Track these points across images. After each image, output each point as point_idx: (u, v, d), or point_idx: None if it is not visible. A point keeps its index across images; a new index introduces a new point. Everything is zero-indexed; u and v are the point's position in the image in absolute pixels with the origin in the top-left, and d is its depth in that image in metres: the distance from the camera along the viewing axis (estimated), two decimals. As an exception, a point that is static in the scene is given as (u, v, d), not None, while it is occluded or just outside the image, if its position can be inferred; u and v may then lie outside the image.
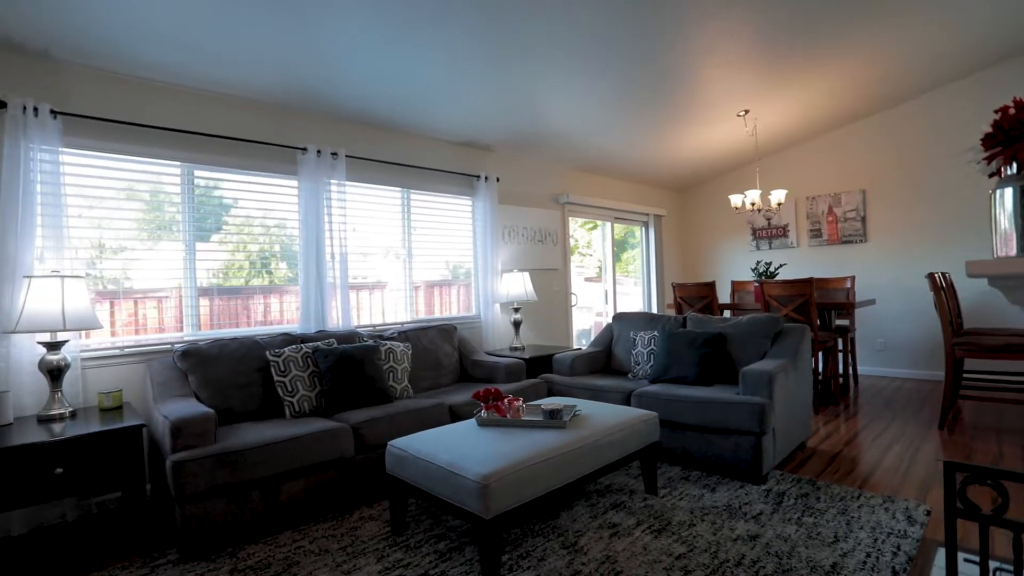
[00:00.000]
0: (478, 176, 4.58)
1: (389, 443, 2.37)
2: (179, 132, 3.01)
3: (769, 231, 6.39)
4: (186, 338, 3.09)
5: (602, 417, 2.57)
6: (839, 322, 4.96)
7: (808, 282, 4.19)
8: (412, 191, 4.24)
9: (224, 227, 3.31)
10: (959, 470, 1.09)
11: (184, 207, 3.11)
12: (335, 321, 3.60)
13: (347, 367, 2.99)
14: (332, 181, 3.58)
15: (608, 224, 6.32)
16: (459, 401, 3.20)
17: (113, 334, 2.91)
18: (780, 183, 6.20)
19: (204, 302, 3.23)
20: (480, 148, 4.73)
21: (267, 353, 2.90)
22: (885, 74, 4.59)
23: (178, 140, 3.04)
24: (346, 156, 3.72)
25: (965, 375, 4.63)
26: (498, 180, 4.82)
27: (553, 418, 2.46)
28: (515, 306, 4.61)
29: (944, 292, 3.73)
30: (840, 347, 5.41)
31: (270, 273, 3.51)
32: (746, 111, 4.85)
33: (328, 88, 3.32)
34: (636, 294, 6.95)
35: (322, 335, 3.28)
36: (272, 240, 3.51)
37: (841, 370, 5.70)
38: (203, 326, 3.21)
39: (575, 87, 3.88)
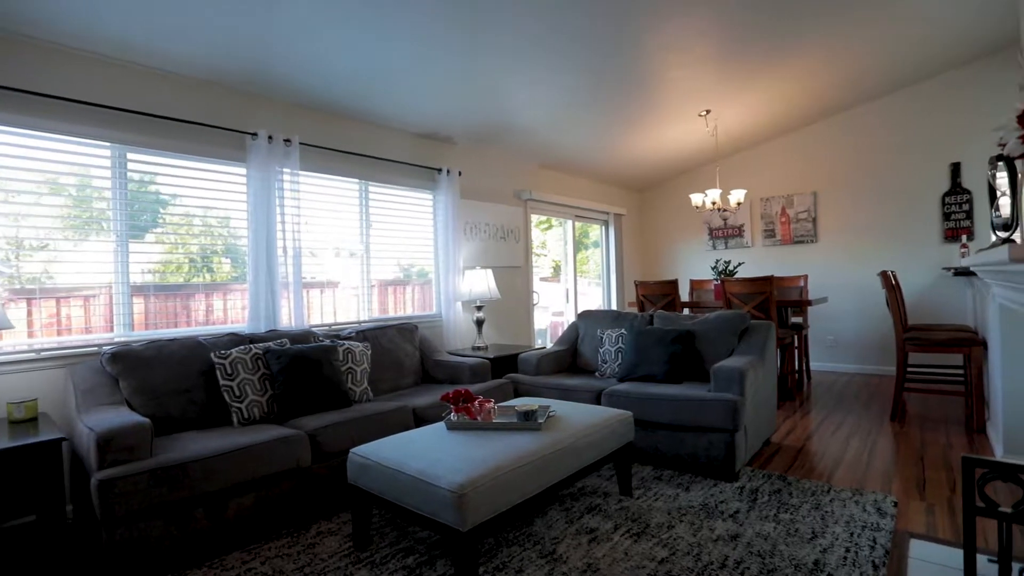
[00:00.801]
0: (440, 169, 4.40)
1: (351, 451, 2.18)
2: (110, 109, 2.70)
3: (725, 231, 6.52)
4: (117, 339, 2.77)
5: (578, 418, 2.47)
6: (794, 320, 5.10)
7: (768, 280, 4.26)
8: (371, 183, 4.02)
9: (162, 223, 3.00)
10: (978, 466, 1.04)
11: (116, 197, 2.79)
12: (287, 320, 3.35)
13: (302, 369, 2.76)
14: (285, 170, 3.32)
15: (569, 222, 6.27)
16: (423, 403, 3.03)
17: (30, 335, 2.57)
18: (737, 184, 6.34)
19: (138, 301, 2.91)
20: (442, 140, 4.56)
21: (212, 355, 2.63)
22: (836, 80, 4.75)
23: (108, 118, 2.72)
24: (300, 143, 3.47)
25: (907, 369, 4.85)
26: (460, 174, 4.67)
27: (528, 420, 2.34)
28: (478, 304, 4.47)
29: (895, 290, 3.87)
30: (796, 344, 5.56)
31: (212, 272, 3.22)
32: (708, 111, 4.90)
33: (282, 69, 3.08)
34: (592, 294, 6.94)
35: (274, 335, 3.03)
36: (215, 237, 3.22)
37: (796, 366, 5.86)
38: (137, 326, 2.90)
39: (539, 81, 3.78)
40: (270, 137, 3.24)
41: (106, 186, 2.76)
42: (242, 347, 2.73)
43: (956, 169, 5.01)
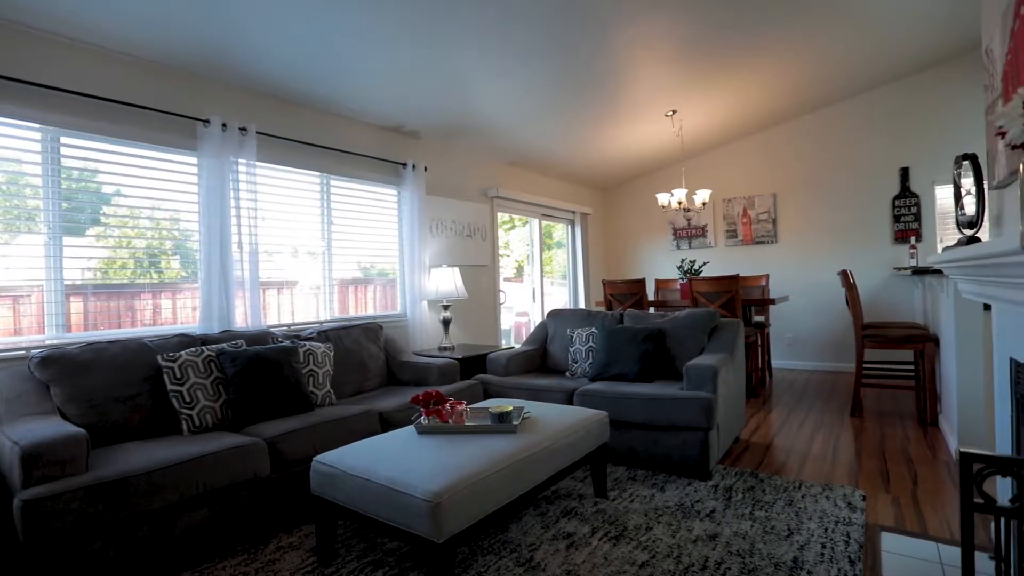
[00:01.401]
0: (405, 164, 4.26)
1: (315, 459, 2.04)
2: (39, 87, 2.45)
3: (689, 231, 6.62)
4: (48, 342, 2.52)
5: (553, 419, 2.40)
6: (756, 318, 5.20)
7: (734, 279, 4.32)
8: (333, 177, 3.84)
9: (104, 219, 2.76)
10: (976, 461, 1.02)
11: (48, 185, 2.53)
12: (243, 321, 3.14)
13: (260, 371, 2.58)
14: (240, 160, 3.12)
15: (536, 220, 6.22)
16: (391, 406, 2.89)
17: (-57, 338, 2.29)
18: (701, 185, 6.43)
19: (76, 301, 2.66)
20: (407, 134, 4.42)
21: (159, 358, 2.42)
22: (794, 86, 4.87)
23: (38, 97, 2.47)
24: (257, 132, 3.26)
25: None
26: (426, 170, 4.54)
27: (503, 422, 2.25)
28: (444, 303, 4.35)
29: (853, 288, 3.98)
30: (759, 342, 5.68)
31: (160, 271, 2.99)
32: (674, 111, 4.94)
33: (238, 52, 2.88)
34: (556, 294, 6.91)
35: (228, 336, 2.83)
36: (162, 231, 2.99)
37: (760, 364, 5.99)
38: (74, 328, 2.65)
39: (505, 76, 3.70)
40: (224, 125, 3.03)
41: (36, 172, 2.51)
42: (193, 349, 2.53)
43: (905, 174, 5.23)
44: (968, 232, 1.99)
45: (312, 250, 3.72)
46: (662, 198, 5.30)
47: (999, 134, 1.03)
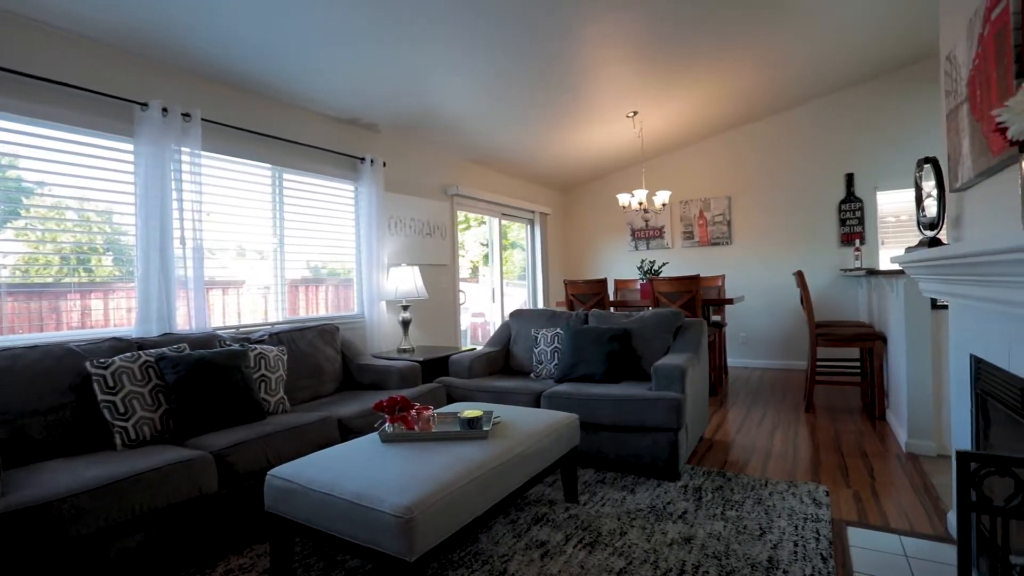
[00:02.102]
0: (363, 158, 4.08)
1: (269, 473, 1.87)
2: (-57, 59, 2.15)
3: (647, 232, 6.70)
4: (-46, 348, 2.22)
5: (524, 424, 2.31)
6: (714, 318, 5.31)
7: (695, 279, 4.38)
8: (285, 170, 3.62)
9: (24, 214, 2.46)
10: (973, 460, 1.01)
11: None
12: (186, 323, 2.89)
13: (205, 377, 2.37)
14: (183, 149, 2.87)
15: (496, 220, 6.13)
16: (350, 412, 2.73)
17: None
18: (659, 187, 6.53)
19: (-14, 299, 2.36)
20: (366, 127, 4.23)
21: (88, 364, 2.18)
22: (748, 92, 5.01)
23: (-59, 71, 2.17)
24: (203, 119, 3.02)
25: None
26: (385, 165, 4.36)
27: (472, 428, 2.14)
28: (404, 304, 4.19)
29: (807, 288, 4.11)
30: (716, 341, 5.81)
31: (90, 271, 2.71)
32: (635, 112, 4.98)
33: (181, 31, 2.64)
34: (513, 294, 6.84)
35: (169, 339, 2.59)
36: (94, 229, 2.71)
37: (718, 363, 6.13)
38: (-16, 331, 2.35)
39: (467, 71, 3.60)
40: (165, 109, 2.78)
41: (-61, 156, 2.20)
42: (128, 354, 2.29)
43: (850, 179, 5.47)
44: (929, 233, 2.05)
45: (263, 247, 3.48)
46: (623, 198, 5.33)
47: (997, 130, 1.03)
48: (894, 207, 5.39)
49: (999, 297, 1.32)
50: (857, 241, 5.39)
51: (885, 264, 5.37)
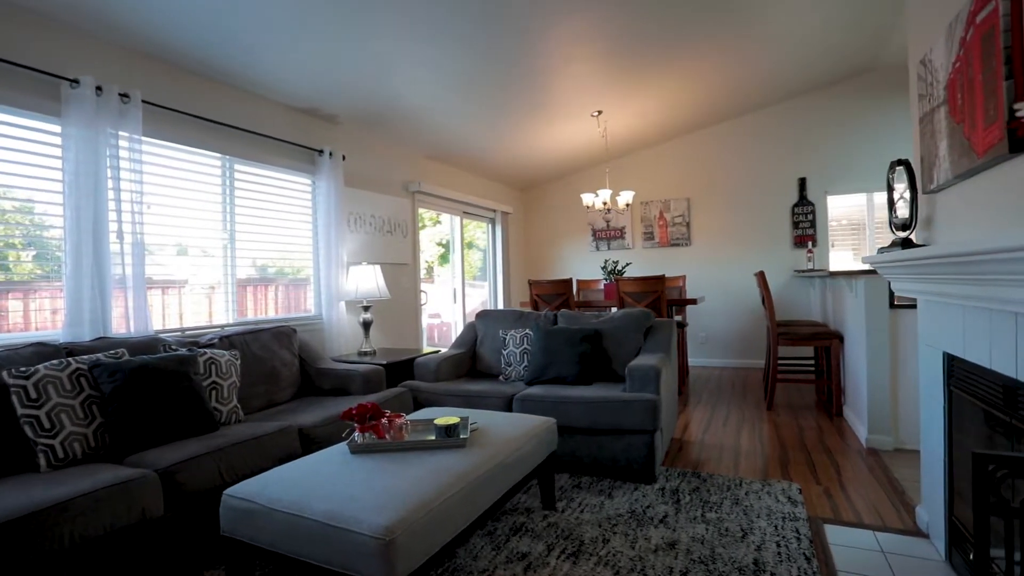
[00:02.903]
0: (321, 151, 3.86)
1: (226, 492, 1.68)
2: None
3: (608, 232, 6.74)
4: None
5: (502, 430, 2.21)
6: (676, 317, 5.37)
7: (660, 279, 4.40)
8: (238, 161, 3.36)
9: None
10: (991, 462, 0.99)
11: None
12: (124, 326, 2.62)
13: (149, 386, 2.13)
14: (121, 133, 2.60)
15: (457, 218, 5.99)
16: (311, 421, 2.54)
17: None
18: (620, 188, 6.56)
19: None
20: (324, 118, 4.01)
21: (4, 374, 1.90)
22: (708, 96, 5.11)
23: None
24: (144, 101, 2.74)
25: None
26: (344, 158, 4.15)
27: (449, 436, 2.02)
28: (365, 304, 4.00)
29: (768, 290, 4.20)
30: (679, 341, 5.89)
31: (7, 269, 2.40)
32: (599, 112, 4.96)
33: (121, 1, 2.38)
34: (471, 295, 6.70)
35: (104, 344, 2.32)
36: (12, 221, 2.40)
37: (681, 362, 6.23)
38: None
39: (431, 64, 3.47)
40: (99, 88, 2.50)
41: None
42: (55, 362, 2.02)
43: (803, 183, 5.67)
44: (902, 234, 2.09)
45: (212, 243, 3.22)
46: (587, 198, 5.31)
47: (1016, 124, 1.02)
48: (843, 211, 5.63)
49: (994, 296, 1.33)
50: (809, 243, 5.59)
51: (835, 265, 5.60)
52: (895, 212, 2.14)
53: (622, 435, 2.71)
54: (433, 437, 2.06)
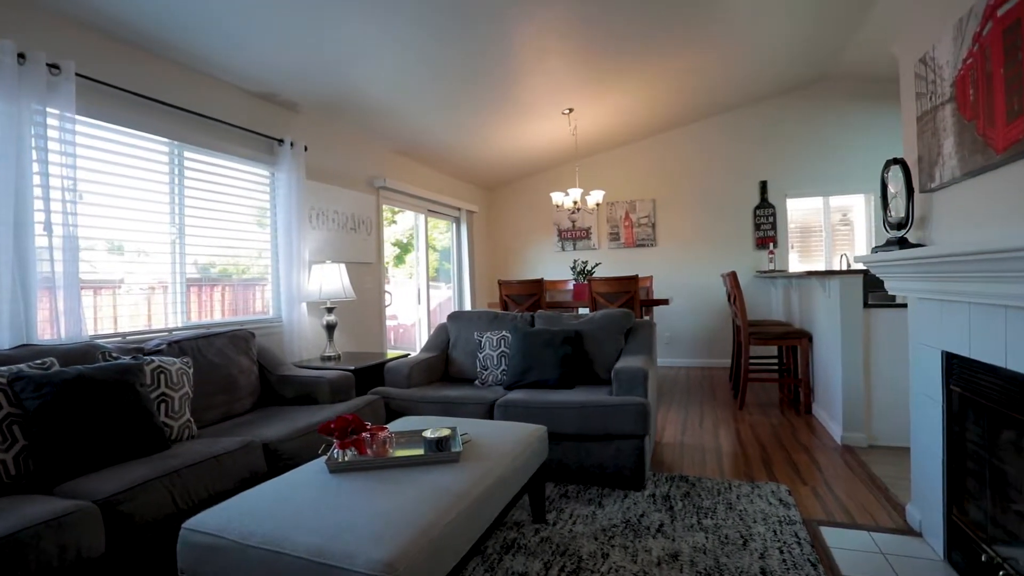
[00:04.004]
0: (281, 140, 3.57)
1: (185, 525, 1.45)
2: None
3: (574, 233, 6.68)
4: None
5: (493, 440, 2.05)
6: (645, 318, 5.36)
7: (633, 279, 4.35)
8: (188, 148, 3.04)
9: None
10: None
11: None
12: (51, 331, 2.28)
13: (85, 400, 1.84)
14: (50, 110, 2.26)
15: (422, 216, 5.77)
16: (278, 435, 2.29)
17: None
18: (586, 188, 6.51)
19: None
20: (284, 105, 3.72)
21: (-97, 391, 1.58)
22: (676, 98, 5.14)
23: None
24: (77, 75, 2.39)
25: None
26: (306, 149, 3.86)
27: (440, 449, 1.84)
28: (328, 306, 3.74)
29: (739, 290, 4.23)
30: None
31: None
32: (571, 109, 4.88)
33: (44, -46, 2.06)
34: (432, 297, 6.48)
35: (29, 353, 2.00)
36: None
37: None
38: None
39: (397, 51, 3.27)
40: (21, 56, 2.17)
41: None
42: (-32, 375, 1.71)
43: (764, 186, 5.80)
44: (897, 233, 2.08)
45: (158, 239, 2.89)
46: (557, 197, 5.22)
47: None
48: (801, 214, 5.80)
49: (1012, 292, 1.29)
50: (771, 244, 5.72)
51: (795, 267, 5.75)
52: (890, 211, 2.14)
53: (611, 440, 2.61)
54: (422, 451, 1.88)
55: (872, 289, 3.13)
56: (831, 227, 5.71)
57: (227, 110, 3.26)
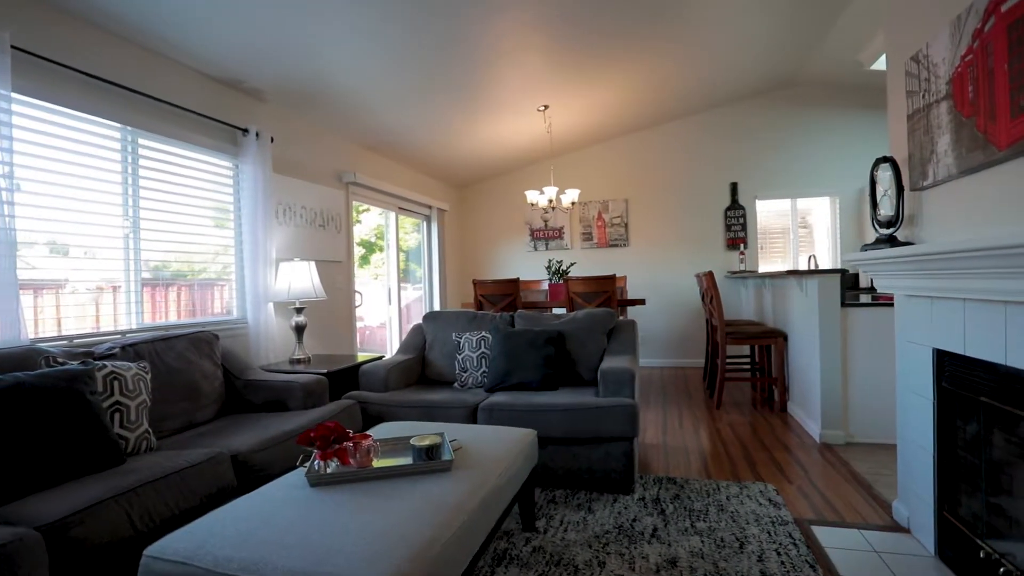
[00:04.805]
0: (246, 130, 3.36)
1: (148, 552, 1.28)
2: None
3: (546, 232, 6.62)
4: None
5: (483, 446, 1.94)
6: (621, 318, 5.34)
7: (611, 279, 4.31)
8: (142, 135, 2.81)
9: None
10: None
11: None
12: (-13, 333, 2.04)
13: (25, 412, 1.64)
14: (-19, 85, 2.02)
15: (392, 214, 5.59)
16: (247, 445, 2.11)
17: None
18: (559, 187, 6.47)
19: None
20: (249, 93, 3.50)
21: None
22: (649, 98, 5.16)
23: None
24: (13, 47, 2.15)
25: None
26: (272, 140, 3.65)
27: (431, 458, 1.72)
28: (297, 306, 3.54)
29: (716, 289, 4.26)
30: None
31: None
32: (546, 106, 4.82)
33: (-23, -90, 1.83)
34: (407, 298, 6.32)
35: (-41, 359, 1.77)
36: None
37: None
38: None
39: (368, 40, 3.13)
40: (-49, 25, 1.92)
41: None
42: None
43: (735, 188, 5.89)
44: (886, 231, 2.09)
45: (110, 234, 2.64)
46: (531, 195, 5.14)
47: None
48: (768, 215, 5.91)
49: (1013, 288, 1.28)
50: (741, 245, 5.81)
51: (764, 267, 5.86)
52: (879, 210, 2.14)
53: (600, 443, 2.54)
54: (410, 460, 1.75)
55: (849, 289, 3.18)
56: (797, 227, 5.84)
57: (187, 95, 3.04)
